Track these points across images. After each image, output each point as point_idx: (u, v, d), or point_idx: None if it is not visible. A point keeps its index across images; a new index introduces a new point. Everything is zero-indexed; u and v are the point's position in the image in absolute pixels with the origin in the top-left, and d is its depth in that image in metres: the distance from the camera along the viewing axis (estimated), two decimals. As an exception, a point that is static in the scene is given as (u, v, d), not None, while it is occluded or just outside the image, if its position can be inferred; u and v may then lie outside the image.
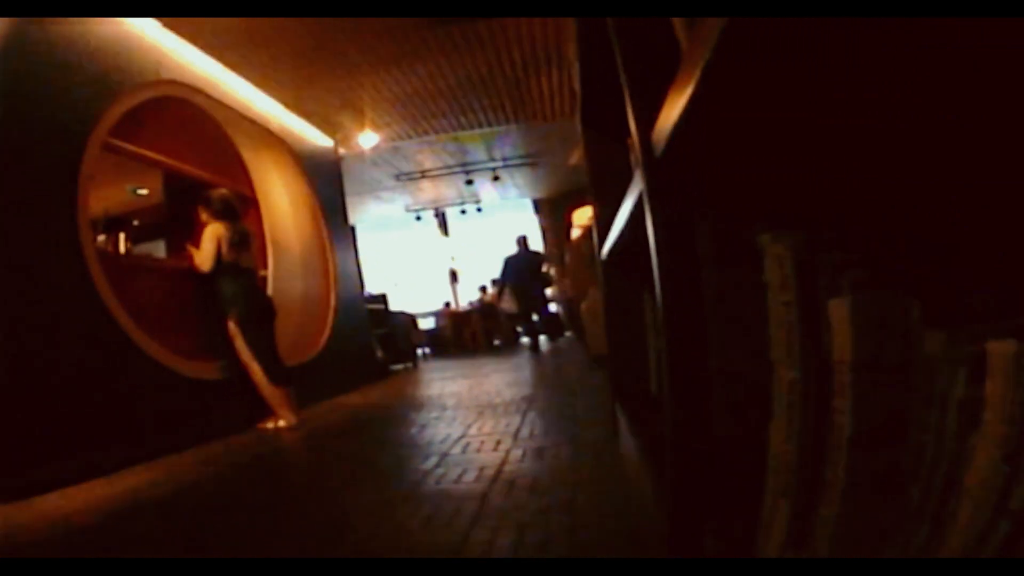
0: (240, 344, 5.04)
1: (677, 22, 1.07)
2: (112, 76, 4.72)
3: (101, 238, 6.53)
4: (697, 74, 0.71)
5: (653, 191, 1.07)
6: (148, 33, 5.32)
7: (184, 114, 6.17)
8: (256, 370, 5.02)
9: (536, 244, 14.99)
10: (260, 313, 5.21)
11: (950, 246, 0.85)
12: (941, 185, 0.96)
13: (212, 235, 5.02)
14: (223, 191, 5.35)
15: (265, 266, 6.67)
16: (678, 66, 0.89)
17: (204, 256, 5.01)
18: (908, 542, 0.72)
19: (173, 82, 5.62)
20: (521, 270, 11.56)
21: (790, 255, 0.83)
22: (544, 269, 12.30)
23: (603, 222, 2.87)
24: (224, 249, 5.01)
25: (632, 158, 2.16)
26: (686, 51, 0.78)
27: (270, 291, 6.38)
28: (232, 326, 5.02)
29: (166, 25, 5.51)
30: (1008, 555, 0.60)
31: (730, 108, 0.81)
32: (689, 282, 1.00)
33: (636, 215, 1.27)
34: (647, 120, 1.07)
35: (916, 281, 0.75)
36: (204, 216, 5.13)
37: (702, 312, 0.97)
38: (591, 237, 4.62)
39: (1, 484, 3.26)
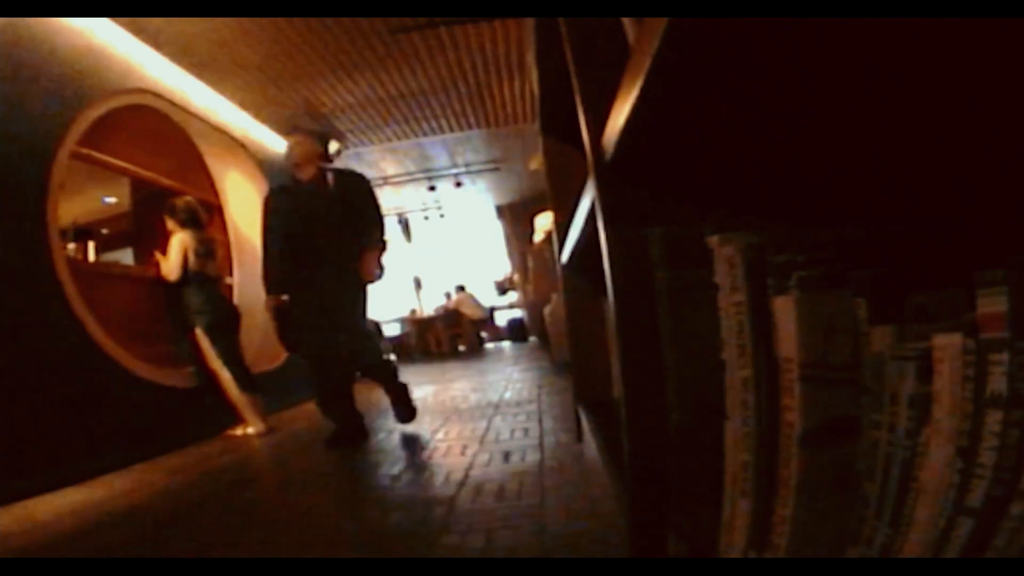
0: (208, 351, 5.04)
1: (628, 24, 1.07)
2: (81, 85, 4.72)
3: (71, 246, 6.49)
4: (642, 76, 0.71)
5: (604, 196, 1.07)
6: (116, 41, 5.31)
7: (151, 122, 6.18)
8: (225, 377, 5.04)
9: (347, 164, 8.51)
10: (226, 321, 5.22)
11: (899, 245, 0.86)
12: (891, 186, 0.96)
13: (178, 244, 5.01)
14: (188, 199, 5.34)
15: (231, 274, 6.64)
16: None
17: (171, 265, 5.01)
18: (869, 541, 0.72)
19: (141, 90, 5.62)
20: (309, 227, 4.19)
21: (740, 256, 0.83)
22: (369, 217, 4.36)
23: (562, 227, 2.88)
24: (190, 258, 4.99)
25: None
26: (632, 53, 0.78)
27: (236, 299, 6.39)
28: (199, 334, 5.02)
29: (133, 32, 5.49)
30: (974, 555, 0.60)
31: (677, 109, 0.81)
32: (641, 285, 1.00)
33: (590, 220, 1.28)
34: (598, 124, 1.07)
35: (865, 280, 0.76)
36: (170, 225, 5.12)
37: (655, 315, 0.97)
38: (550, 242, 4.60)
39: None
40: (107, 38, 5.17)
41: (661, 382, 0.96)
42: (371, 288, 4.29)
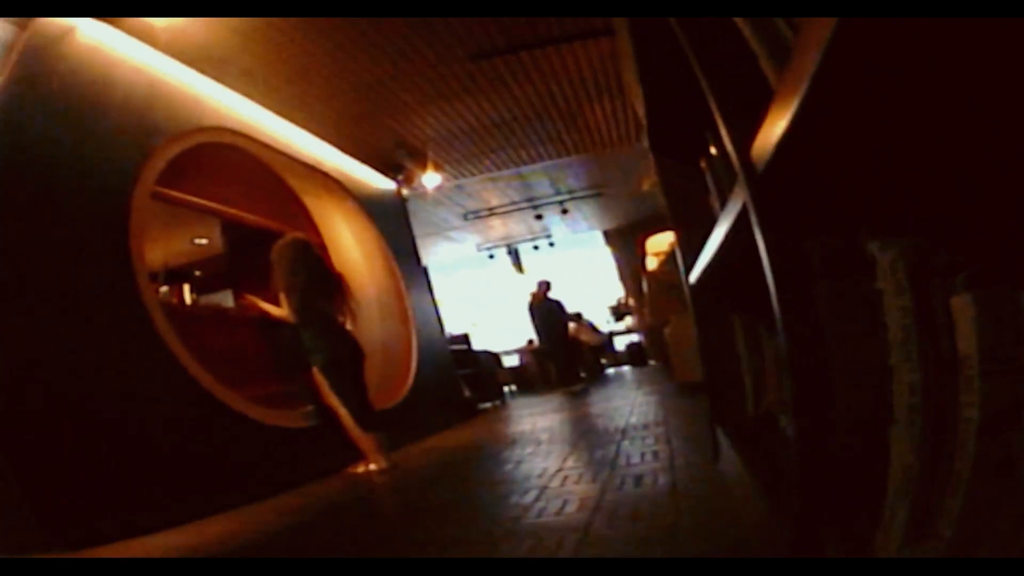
0: (326, 390, 5.01)
1: (742, 25, 1.07)
2: (154, 124, 4.82)
3: (164, 289, 6.63)
4: (805, 84, 0.72)
5: (759, 207, 1.07)
6: (188, 80, 5.42)
7: (236, 161, 6.21)
8: (344, 415, 4.99)
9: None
10: (346, 357, 5.15)
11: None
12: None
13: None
14: (295, 238, 5.30)
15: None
16: (758, 76, 0.89)
17: (285, 311, 5.01)
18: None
19: (218, 128, 5.66)
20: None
21: (902, 260, 0.83)
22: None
23: (687, 247, 2.83)
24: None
25: (708, 179, 2.15)
26: (792, 59, 0.77)
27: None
28: (316, 372, 5.01)
29: (207, 74, 5.62)
30: None
31: (838, 117, 0.81)
32: (804, 296, 1.00)
33: (735, 234, 1.27)
34: (743, 136, 1.07)
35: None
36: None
37: (819, 325, 0.97)
38: (668, 264, 4.56)
39: (74, 533, 3.32)
40: (178, 77, 5.30)
41: (828, 389, 0.96)
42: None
